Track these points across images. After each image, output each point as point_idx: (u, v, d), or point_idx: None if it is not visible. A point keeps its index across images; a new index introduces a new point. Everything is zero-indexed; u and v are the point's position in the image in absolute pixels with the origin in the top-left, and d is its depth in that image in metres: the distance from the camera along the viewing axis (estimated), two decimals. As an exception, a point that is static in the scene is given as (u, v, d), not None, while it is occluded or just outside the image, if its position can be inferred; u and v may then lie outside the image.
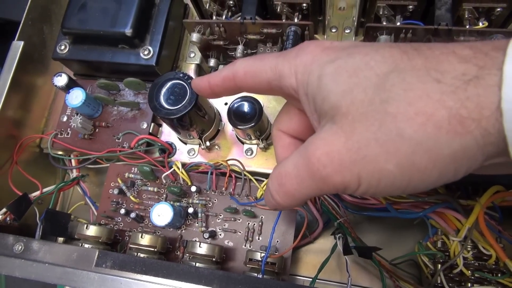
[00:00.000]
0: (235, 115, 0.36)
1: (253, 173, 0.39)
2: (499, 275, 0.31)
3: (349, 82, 0.19)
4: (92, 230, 0.35)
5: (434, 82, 0.17)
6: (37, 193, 0.41)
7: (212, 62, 0.42)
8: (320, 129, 0.21)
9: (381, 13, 0.36)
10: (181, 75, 0.35)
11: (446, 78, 0.17)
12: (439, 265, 0.33)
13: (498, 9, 0.34)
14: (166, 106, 0.34)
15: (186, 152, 0.41)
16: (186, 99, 0.34)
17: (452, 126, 0.17)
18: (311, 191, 0.21)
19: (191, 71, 0.44)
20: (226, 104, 0.42)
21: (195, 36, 0.38)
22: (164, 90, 0.35)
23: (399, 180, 0.18)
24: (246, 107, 0.36)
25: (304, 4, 0.38)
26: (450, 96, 0.17)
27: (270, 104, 0.41)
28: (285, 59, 0.23)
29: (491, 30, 0.32)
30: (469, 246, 0.32)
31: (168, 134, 0.42)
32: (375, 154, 0.18)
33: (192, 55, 0.45)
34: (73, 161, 0.43)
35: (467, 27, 0.35)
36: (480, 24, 0.35)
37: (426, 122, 0.17)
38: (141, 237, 0.34)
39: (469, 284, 0.32)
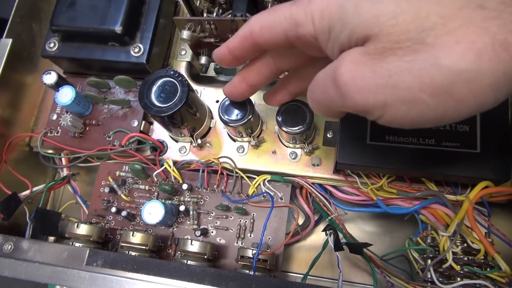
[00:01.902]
0: (226, 112, 0.36)
1: (244, 171, 0.39)
2: (488, 269, 0.32)
3: (377, 8, 0.18)
4: (83, 229, 0.35)
5: (477, 8, 0.16)
6: (27, 192, 0.40)
7: (203, 60, 0.42)
8: (349, 49, 0.20)
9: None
10: (171, 72, 0.35)
11: (490, 3, 0.16)
12: (429, 260, 0.33)
13: None
14: (157, 103, 0.34)
15: (178, 150, 0.41)
16: (177, 97, 0.34)
17: (496, 52, 0.16)
18: (335, 106, 0.22)
19: (182, 68, 0.44)
20: (217, 101, 0.42)
21: (185, 34, 0.38)
22: (154, 87, 0.35)
23: (433, 110, 0.18)
24: (238, 103, 0.36)
25: (295, 1, 0.38)
26: (494, 21, 0.16)
27: (262, 102, 0.41)
28: (299, 6, 0.22)
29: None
30: (458, 241, 0.32)
31: (159, 132, 0.42)
32: (407, 83, 0.18)
33: (183, 52, 0.45)
34: (63, 159, 0.42)
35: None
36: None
37: (467, 51, 0.16)
38: (133, 235, 0.34)
39: (459, 279, 0.32)
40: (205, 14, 0.39)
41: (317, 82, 0.23)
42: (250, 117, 0.36)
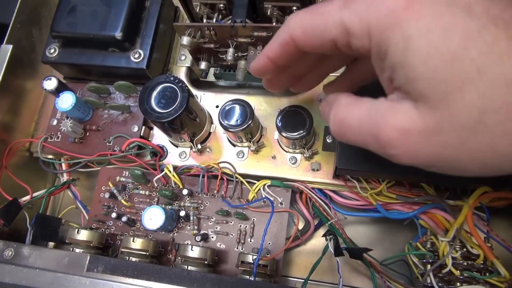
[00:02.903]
0: (226, 118, 0.36)
1: (244, 176, 0.39)
2: (487, 274, 0.32)
3: (446, 66, 0.16)
4: (83, 235, 0.35)
5: None
6: (27, 197, 0.40)
7: (203, 65, 0.42)
8: (396, 101, 0.19)
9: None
10: (171, 78, 0.35)
11: None
12: (429, 265, 0.33)
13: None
14: (157, 109, 0.34)
15: (178, 155, 0.41)
16: (177, 103, 0.34)
17: None
18: (366, 147, 0.21)
19: (182, 74, 0.44)
20: (217, 106, 0.42)
21: (185, 40, 0.38)
22: (155, 93, 0.35)
23: (476, 174, 0.18)
24: (237, 109, 0.36)
25: (294, 7, 0.38)
26: None
27: (261, 107, 0.41)
28: (352, 12, 0.19)
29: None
30: (457, 246, 0.33)
31: (159, 137, 0.42)
32: (459, 158, 0.18)
33: (183, 58, 0.45)
34: (63, 165, 0.43)
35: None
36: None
37: None
38: (133, 241, 0.34)
39: (458, 284, 0.32)
40: (204, 20, 0.40)
41: (349, 125, 0.21)
42: (250, 122, 0.36)
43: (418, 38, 0.17)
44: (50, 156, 0.43)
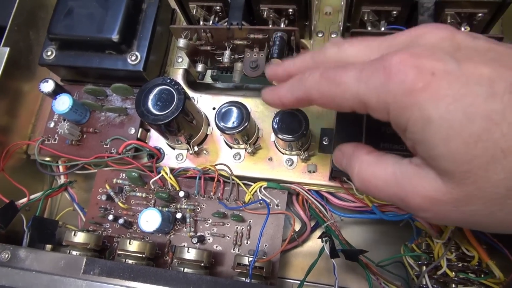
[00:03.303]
0: (223, 120, 0.36)
1: (241, 177, 0.39)
2: (482, 275, 0.32)
3: (468, 147, 0.16)
4: (80, 237, 0.35)
5: None
6: (24, 200, 0.40)
7: (199, 67, 0.42)
8: (422, 168, 0.19)
9: (366, 18, 0.37)
10: (168, 80, 0.35)
11: None
12: (424, 267, 0.33)
13: (479, 15, 0.34)
14: (153, 111, 0.34)
15: (174, 157, 0.41)
16: (173, 105, 0.34)
17: None
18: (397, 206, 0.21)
19: (179, 76, 0.44)
20: (214, 108, 0.42)
21: (182, 42, 0.38)
22: (151, 96, 0.35)
23: (505, 233, 0.19)
24: (233, 112, 0.37)
25: (290, 10, 0.38)
26: None
27: (258, 109, 0.42)
28: (368, 87, 0.19)
29: (472, 35, 0.33)
30: (452, 248, 0.33)
31: (156, 139, 0.42)
32: (488, 223, 0.18)
33: (179, 60, 0.45)
34: (60, 167, 0.43)
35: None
36: (463, 28, 0.35)
37: None
38: (129, 243, 0.34)
39: (453, 285, 0.32)
40: (201, 22, 0.40)
41: (375, 187, 0.21)
42: (246, 124, 0.36)
43: (438, 120, 0.17)
44: (47, 158, 0.43)
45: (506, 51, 0.17)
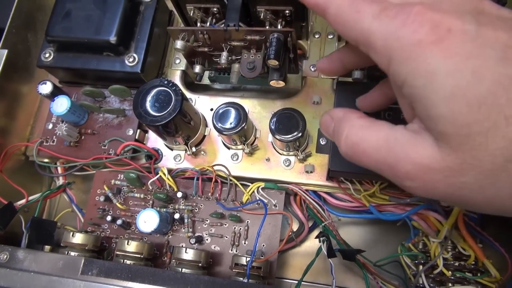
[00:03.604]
0: (220, 121, 0.37)
1: (239, 178, 0.39)
2: (478, 274, 0.32)
3: (471, 110, 0.16)
4: (78, 238, 0.35)
5: None
6: (23, 201, 0.40)
7: (197, 69, 0.43)
8: (417, 134, 0.18)
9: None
10: (165, 82, 0.35)
11: None
12: (421, 266, 0.34)
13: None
14: (151, 113, 0.35)
15: (172, 158, 0.41)
16: (170, 106, 0.35)
17: None
18: (381, 174, 0.20)
19: (176, 77, 0.45)
20: (212, 109, 0.42)
21: (179, 44, 0.38)
22: (149, 97, 0.35)
23: (489, 213, 0.18)
24: (231, 113, 0.37)
25: (287, 11, 0.38)
26: None
27: (255, 109, 0.42)
28: (381, 25, 0.18)
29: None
30: (449, 247, 0.33)
31: (154, 140, 0.42)
32: (475, 199, 0.17)
33: (177, 61, 0.45)
34: (59, 168, 0.43)
35: None
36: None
37: None
38: (127, 243, 0.34)
39: (450, 284, 0.32)
40: (198, 24, 0.40)
41: (364, 152, 0.20)
42: (243, 125, 0.36)
43: (444, 77, 0.16)
44: (46, 160, 0.43)
45: None
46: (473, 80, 0.16)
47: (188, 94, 0.43)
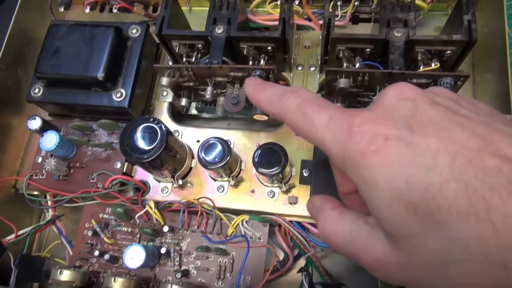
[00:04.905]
0: (205, 155, 0.37)
1: (225, 209, 0.40)
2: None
3: (408, 214, 0.17)
4: (65, 275, 0.36)
5: (500, 268, 0.15)
6: (12, 236, 0.41)
7: (183, 102, 0.44)
8: (374, 229, 0.20)
9: (341, 55, 0.38)
10: (151, 119, 0.36)
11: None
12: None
13: (448, 52, 0.36)
14: (137, 149, 0.35)
15: (160, 190, 0.42)
16: (156, 142, 0.35)
17: None
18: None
19: (164, 109, 0.46)
20: (198, 141, 0.43)
21: (165, 80, 0.39)
22: (135, 134, 0.36)
23: None
24: (215, 147, 0.38)
25: (269, 47, 0.39)
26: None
27: (241, 141, 0.43)
28: (334, 137, 0.20)
29: (440, 73, 0.34)
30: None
31: (142, 172, 0.43)
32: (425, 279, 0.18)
33: (164, 93, 0.46)
34: (49, 202, 0.43)
35: (421, 67, 0.37)
36: (433, 65, 0.37)
37: None
38: (114, 281, 0.35)
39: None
40: (184, 59, 0.41)
41: (336, 242, 0.22)
42: (228, 159, 0.37)
43: (384, 185, 0.17)
44: (36, 193, 0.44)
45: (460, 121, 0.18)
46: (407, 188, 0.17)
47: (175, 126, 0.44)
